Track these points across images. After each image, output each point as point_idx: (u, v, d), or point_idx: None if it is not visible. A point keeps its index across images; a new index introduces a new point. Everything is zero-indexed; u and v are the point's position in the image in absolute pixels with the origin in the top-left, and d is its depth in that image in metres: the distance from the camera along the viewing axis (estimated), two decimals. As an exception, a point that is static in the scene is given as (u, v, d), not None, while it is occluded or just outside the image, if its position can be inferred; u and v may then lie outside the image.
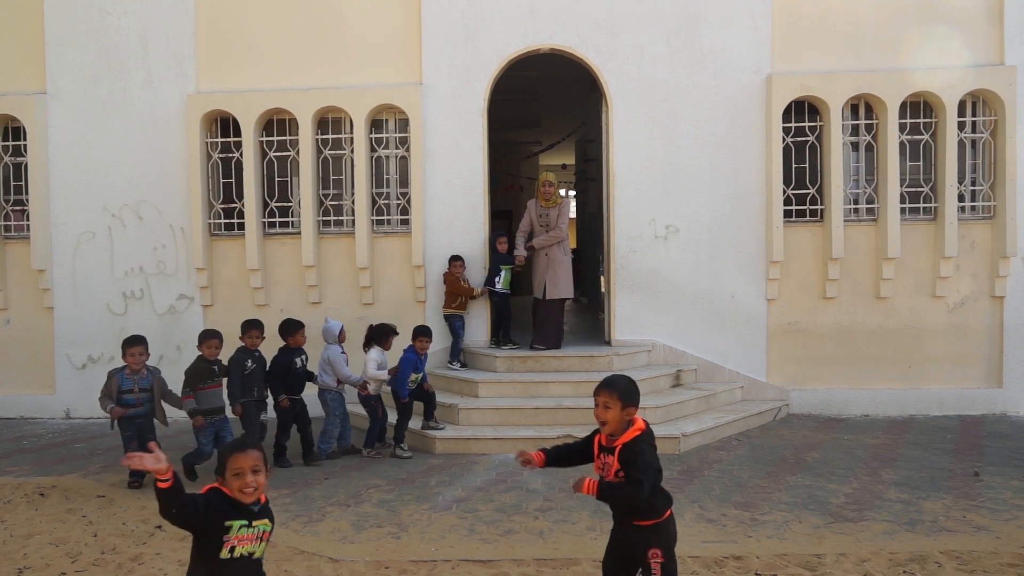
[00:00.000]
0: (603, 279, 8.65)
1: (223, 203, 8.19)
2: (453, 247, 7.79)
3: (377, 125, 8.11)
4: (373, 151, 8.06)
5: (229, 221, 8.17)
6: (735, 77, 7.69)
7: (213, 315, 8.10)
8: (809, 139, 7.79)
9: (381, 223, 8.11)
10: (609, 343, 7.88)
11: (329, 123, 8.10)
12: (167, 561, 4.16)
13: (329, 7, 7.96)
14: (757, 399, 7.69)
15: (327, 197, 8.12)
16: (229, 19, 8.05)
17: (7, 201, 8.37)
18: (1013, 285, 7.60)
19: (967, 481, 5.44)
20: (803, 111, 7.77)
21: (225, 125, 8.16)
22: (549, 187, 7.76)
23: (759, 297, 7.77)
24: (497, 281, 7.76)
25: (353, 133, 7.93)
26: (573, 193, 17.86)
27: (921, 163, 7.74)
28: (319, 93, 7.87)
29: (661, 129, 7.75)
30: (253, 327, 6.11)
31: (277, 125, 8.12)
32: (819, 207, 7.78)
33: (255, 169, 7.96)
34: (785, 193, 7.71)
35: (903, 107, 7.57)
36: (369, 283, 7.95)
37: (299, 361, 6.25)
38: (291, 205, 8.14)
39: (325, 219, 8.10)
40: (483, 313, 7.95)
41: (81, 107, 8.13)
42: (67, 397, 8.18)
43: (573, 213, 15.50)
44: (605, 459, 2.84)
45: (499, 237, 7.91)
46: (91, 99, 8.12)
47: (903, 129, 7.63)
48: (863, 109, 7.81)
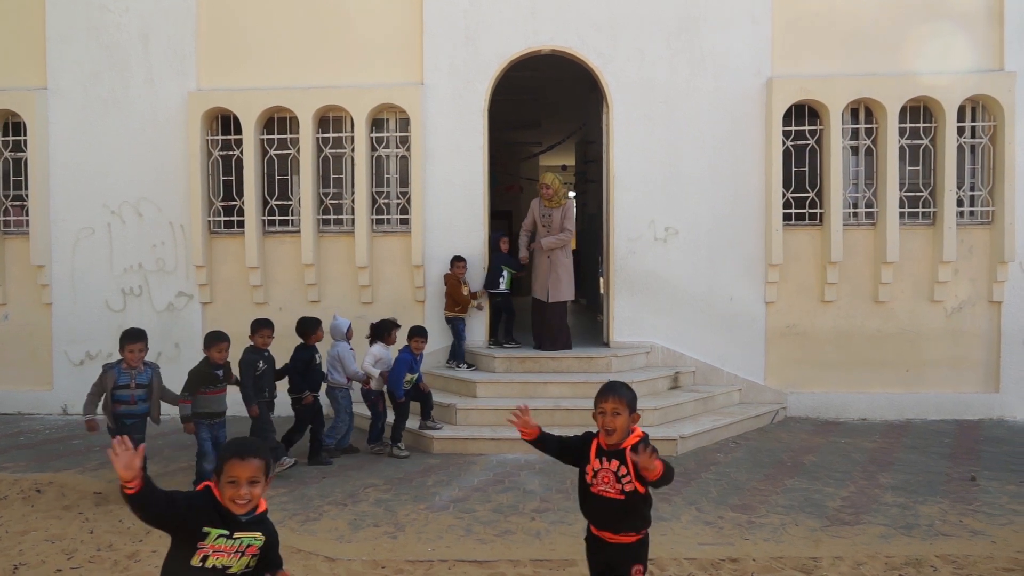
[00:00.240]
0: (602, 280, 8.65)
1: (223, 201, 8.19)
2: (453, 247, 7.79)
3: (378, 124, 8.11)
4: (373, 150, 8.06)
5: (229, 219, 8.16)
6: (735, 80, 7.70)
7: (212, 313, 8.10)
8: (809, 143, 7.80)
9: (381, 222, 8.11)
10: (608, 344, 7.88)
11: (330, 122, 8.10)
12: (163, 559, 4.15)
13: (331, 6, 7.96)
14: (755, 402, 7.69)
15: (327, 196, 8.12)
16: (230, 17, 8.05)
17: (7, 197, 8.36)
18: (1011, 290, 7.61)
19: (964, 485, 5.45)
20: (803, 114, 7.78)
21: (226, 123, 8.16)
22: (546, 189, 7.75)
23: (758, 300, 7.78)
24: (501, 282, 7.81)
25: (354, 132, 7.93)
26: (573, 194, 17.85)
27: (920, 167, 7.75)
28: (320, 92, 7.87)
29: (661, 131, 7.76)
30: (265, 326, 5.90)
31: (278, 123, 8.12)
32: (818, 211, 7.79)
33: (255, 167, 7.96)
34: (784, 196, 7.72)
35: (903, 111, 7.58)
36: (368, 282, 7.96)
37: (317, 358, 6.24)
38: (291, 203, 8.14)
39: (325, 218, 8.10)
40: (482, 314, 7.95)
41: (82, 103, 8.12)
42: (65, 393, 8.16)
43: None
44: (606, 463, 2.80)
45: (501, 237, 7.93)
46: (92, 96, 8.12)
47: (903, 133, 7.64)
48: (863, 113, 7.82)
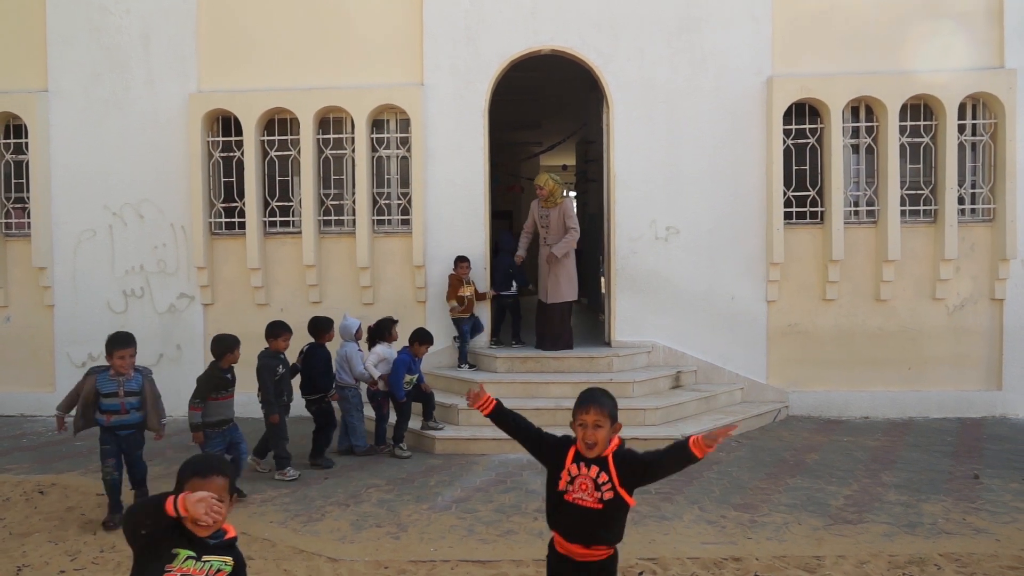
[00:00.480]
0: (603, 280, 8.66)
1: (224, 202, 8.19)
2: (454, 247, 7.79)
3: (378, 125, 8.11)
4: (374, 151, 8.06)
5: (230, 220, 8.17)
6: (736, 79, 7.70)
7: (213, 314, 8.11)
8: (809, 141, 7.80)
9: (382, 223, 8.11)
10: (609, 344, 7.88)
11: (330, 123, 8.10)
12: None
13: (331, 7, 7.96)
14: (757, 401, 7.69)
15: (328, 197, 8.12)
16: (231, 18, 8.06)
17: (8, 199, 8.37)
18: (1013, 288, 7.60)
19: (967, 483, 5.44)
20: (803, 113, 7.78)
21: (226, 124, 8.16)
22: (540, 190, 7.74)
23: (759, 299, 7.78)
24: (512, 288, 8.03)
25: (354, 133, 7.93)
26: (574, 194, 17.85)
27: (921, 165, 7.75)
28: (320, 93, 7.87)
29: (662, 130, 7.76)
30: (285, 329, 5.77)
31: (278, 124, 8.12)
32: (819, 209, 7.78)
33: (256, 168, 7.96)
34: (785, 195, 7.72)
35: (903, 109, 7.58)
36: (369, 283, 7.96)
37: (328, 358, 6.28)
38: (292, 204, 8.14)
39: (326, 219, 8.10)
40: (484, 314, 7.95)
41: (83, 105, 8.13)
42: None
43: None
44: (584, 469, 2.64)
45: (516, 253, 8.04)
46: (93, 98, 8.12)
47: (903, 131, 7.63)
48: (863, 111, 7.81)
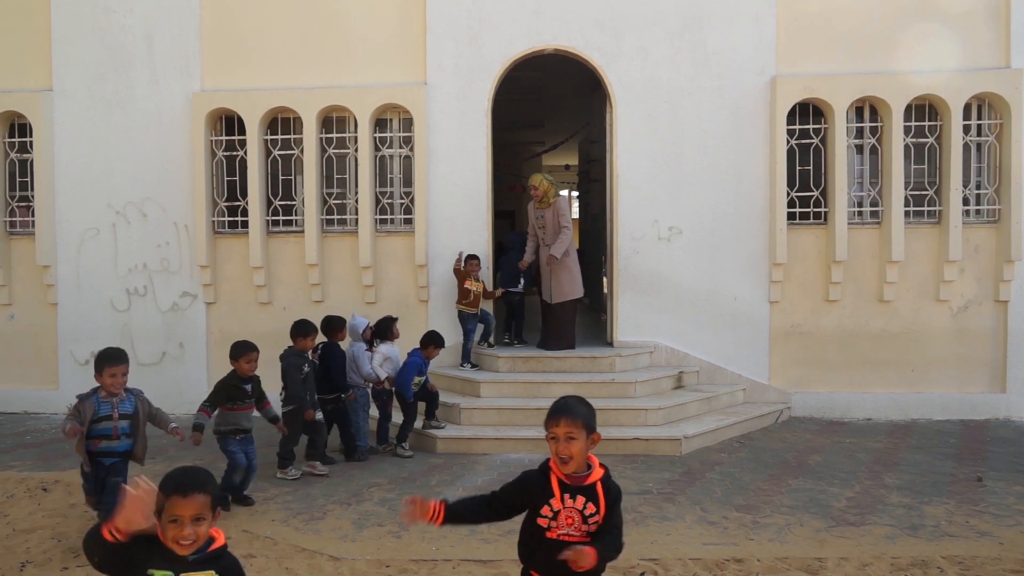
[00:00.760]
0: (606, 280, 8.65)
1: (227, 201, 8.20)
2: (457, 247, 7.78)
3: (381, 124, 8.11)
4: (377, 150, 8.06)
5: (233, 219, 8.18)
6: (739, 79, 7.68)
7: (216, 313, 8.12)
8: (813, 141, 7.78)
9: (384, 222, 8.11)
10: (611, 344, 7.87)
11: (333, 122, 8.10)
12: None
13: (334, 6, 7.97)
14: (759, 401, 7.67)
15: (331, 196, 8.13)
16: (234, 18, 8.06)
17: (12, 197, 8.38)
18: (1017, 289, 7.57)
19: (970, 486, 5.43)
20: (807, 113, 7.76)
21: (229, 123, 8.17)
22: (534, 191, 7.68)
23: (762, 299, 7.76)
24: (520, 285, 8.05)
25: (357, 132, 7.92)
26: (576, 194, 17.86)
27: (926, 166, 7.72)
28: (323, 92, 7.88)
29: (665, 130, 7.75)
30: (313, 329, 5.71)
31: (281, 123, 8.12)
32: (823, 209, 7.77)
33: (259, 167, 7.97)
34: (789, 195, 7.70)
35: (908, 110, 7.55)
36: (372, 282, 7.96)
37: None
38: (295, 203, 8.15)
39: (328, 218, 8.11)
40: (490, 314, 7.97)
41: (87, 104, 8.15)
42: (70, 393, 8.03)
43: (576, 213, 15.47)
44: (569, 502, 2.34)
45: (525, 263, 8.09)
46: (97, 97, 8.14)
47: (908, 132, 7.61)
48: (868, 111, 7.79)
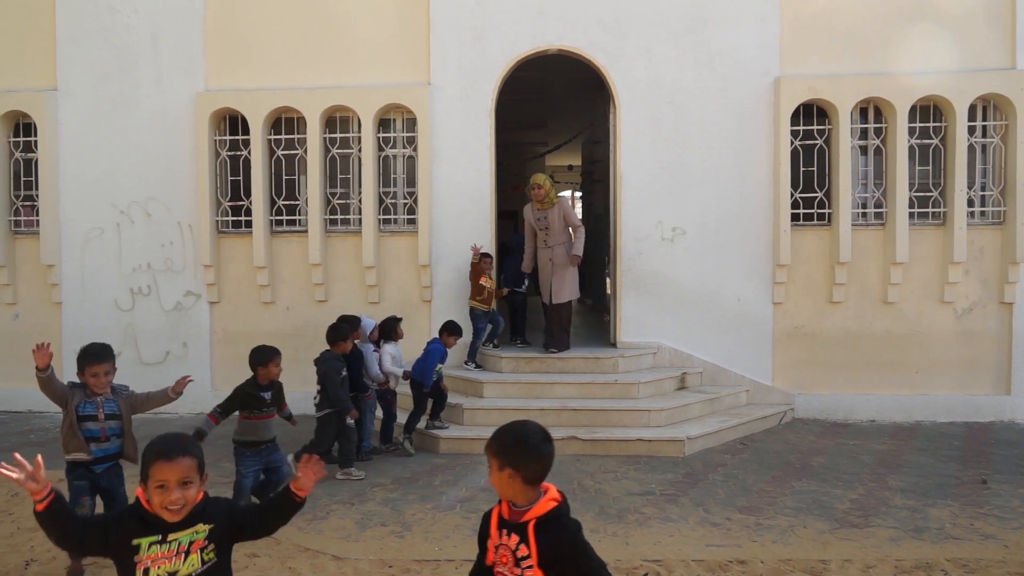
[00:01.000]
0: (609, 281, 8.64)
1: (231, 201, 8.21)
2: (460, 247, 7.78)
3: (385, 124, 8.12)
4: (380, 150, 8.07)
5: (237, 219, 8.19)
6: (743, 79, 7.67)
7: (220, 312, 8.13)
8: (817, 142, 7.76)
9: (388, 222, 8.12)
10: (615, 345, 7.86)
11: (337, 122, 8.11)
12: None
13: (338, 6, 7.97)
14: (762, 403, 7.65)
15: (334, 196, 8.14)
16: (238, 18, 8.07)
17: (17, 197, 8.40)
18: (1022, 291, 7.55)
19: (974, 488, 5.41)
20: (811, 114, 7.75)
21: (233, 123, 8.18)
22: (538, 190, 7.62)
23: (765, 300, 7.75)
24: (524, 285, 8.11)
25: (361, 132, 7.93)
26: (580, 194, 17.85)
27: (930, 167, 7.70)
28: (327, 92, 7.88)
29: (668, 131, 7.74)
30: (351, 331, 5.68)
31: (285, 123, 8.13)
32: (827, 211, 7.75)
33: (263, 167, 7.98)
34: (793, 196, 7.68)
35: (912, 111, 7.54)
36: (375, 282, 7.96)
37: None
38: (298, 203, 8.16)
39: (332, 218, 8.11)
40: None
41: (91, 104, 8.16)
42: (74, 392, 8.20)
43: (579, 213, 15.46)
44: (505, 538, 2.01)
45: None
46: (101, 96, 8.16)
47: (912, 133, 7.59)
48: (872, 112, 7.77)
